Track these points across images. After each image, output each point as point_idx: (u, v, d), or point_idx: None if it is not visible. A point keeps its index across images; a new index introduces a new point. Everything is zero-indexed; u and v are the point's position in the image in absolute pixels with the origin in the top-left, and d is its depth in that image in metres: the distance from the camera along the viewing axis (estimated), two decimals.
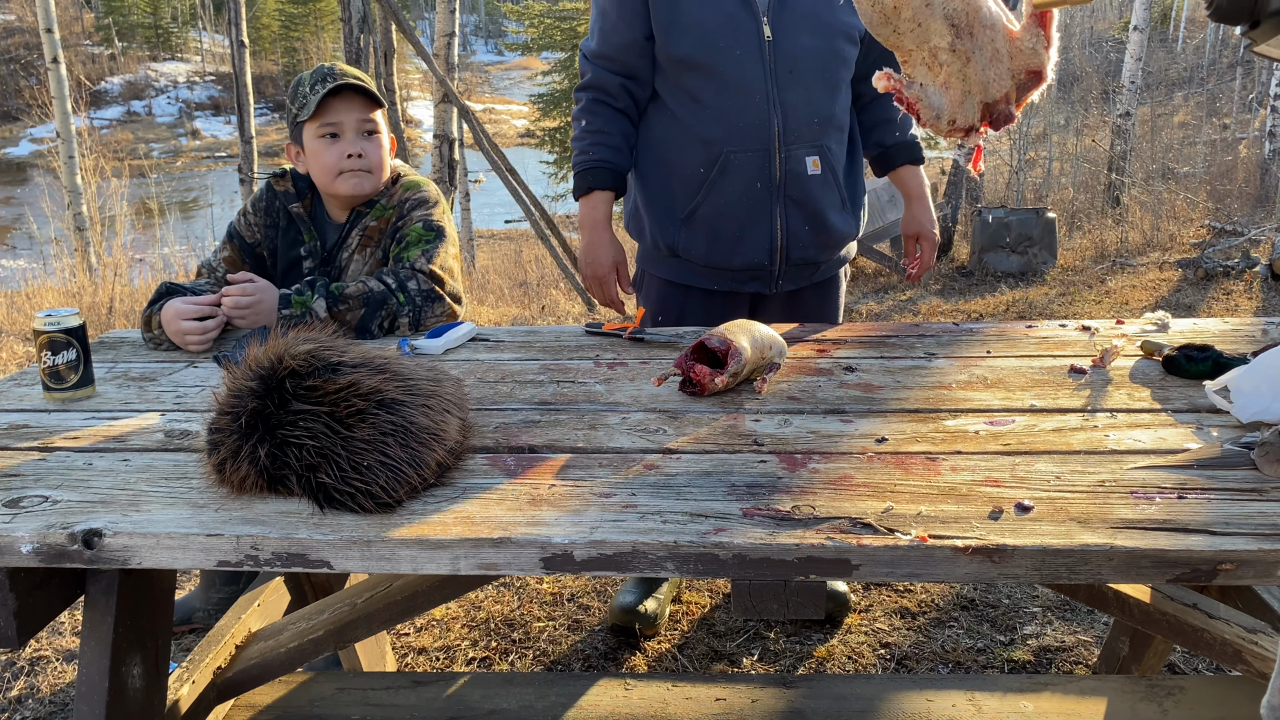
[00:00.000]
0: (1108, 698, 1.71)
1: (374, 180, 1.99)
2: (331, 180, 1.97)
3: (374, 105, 1.99)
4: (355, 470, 1.08)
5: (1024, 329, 1.77)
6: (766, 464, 1.19)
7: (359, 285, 1.83)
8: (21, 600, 1.09)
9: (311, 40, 36.45)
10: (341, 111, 1.95)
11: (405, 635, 2.35)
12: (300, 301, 1.80)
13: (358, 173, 1.97)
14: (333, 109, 1.94)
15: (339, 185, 1.97)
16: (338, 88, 1.93)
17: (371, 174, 1.98)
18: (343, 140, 1.95)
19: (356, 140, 1.96)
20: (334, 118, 1.95)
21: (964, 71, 1.16)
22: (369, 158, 1.97)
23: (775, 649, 2.24)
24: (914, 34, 1.14)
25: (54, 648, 2.32)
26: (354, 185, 1.97)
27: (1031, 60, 1.17)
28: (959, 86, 1.17)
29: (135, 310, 6.54)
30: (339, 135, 1.96)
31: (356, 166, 1.96)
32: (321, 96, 1.92)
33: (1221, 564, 0.95)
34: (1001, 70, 1.17)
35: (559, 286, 8.48)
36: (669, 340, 1.75)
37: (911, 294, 7.03)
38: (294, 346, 1.17)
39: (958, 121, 1.20)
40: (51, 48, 9.20)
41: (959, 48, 1.15)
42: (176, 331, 1.76)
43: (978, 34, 1.14)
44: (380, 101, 2.00)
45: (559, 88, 18.73)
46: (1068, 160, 13.61)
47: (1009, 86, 1.18)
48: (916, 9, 1.13)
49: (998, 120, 1.20)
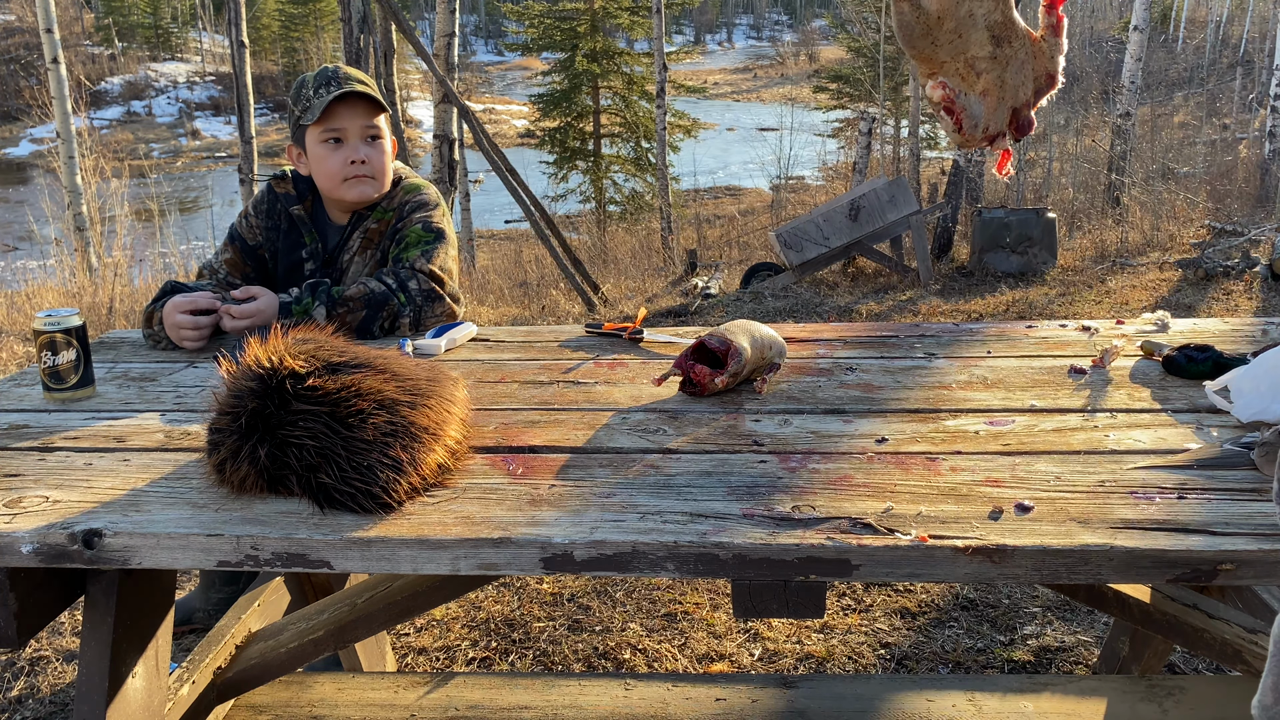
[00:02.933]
0: (1108, 698, 1.71)
1: (378, 185, 1.99)
2: (336, 186, 1.97)
3: (378, 110, 1.98)
4: (355, 470, 1.08)
5: (1024, 329, 1.77)
6: (766, 464, 1.19)
7: (360, 287, 1.83)
8: (21, 600, 1.09)
9: (311, 40, 36.43)
10: (345, 117, 1.94)
11: (405, 635, 2.35)
12: (300, 310, 1.80)
13: (362, 179, 1.96)
14: (337, 114, 1.93)
15: (344, 192, 1.97)
16: (343, 94, 1.92)
17: (375, 179, 1.98)
18: (346, 146, 1.95)
19: (360, 146, 1.95)
20: (338, 123, 1.94)
21: (1002, 78, 1.18)
22: (373, 164, 1.96)
23: (775, 649, 2.24)
24: (952, 45, 1.15)
25: (54, 648, 2.32)
26: (359, 193, 1.97)
27: (1049, 64, 1.18)
28: (995, 94, 1.18)
29: (135, 310, 6.54)
30: (343, 140, 1.95)
31: (360, 173, 1.95)
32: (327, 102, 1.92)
33: (1221, 564, 0.95)
34: (1027, 75, 1.18)
35: (559, 286, 8.48)
36: (669, 340, 1.75)
37: (911, 294, 7.02)
38: (294, 346, 1.17)
39: (990, 129, 1.21)
40: (51, 48, 9.20)
41: (999, 55, 1.16)
42: (173, 325, 1.76)
43: (1014, 41, 1.16)
44: (384, 106, 2.00)
45: (559, 88, 18.71)
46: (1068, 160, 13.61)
47: (1030, 91, 1.19)
48: (960, 20, 1.14)
49: (1022, 127, 1.22)
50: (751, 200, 19.28)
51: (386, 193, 2.03)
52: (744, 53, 54.71)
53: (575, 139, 18.40)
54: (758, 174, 19.46)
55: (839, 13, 22.87)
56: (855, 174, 10.70)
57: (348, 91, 1.92)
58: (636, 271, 10.00)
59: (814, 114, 21.44)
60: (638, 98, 18.26)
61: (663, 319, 6.43)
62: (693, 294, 7.42)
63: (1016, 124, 1.22)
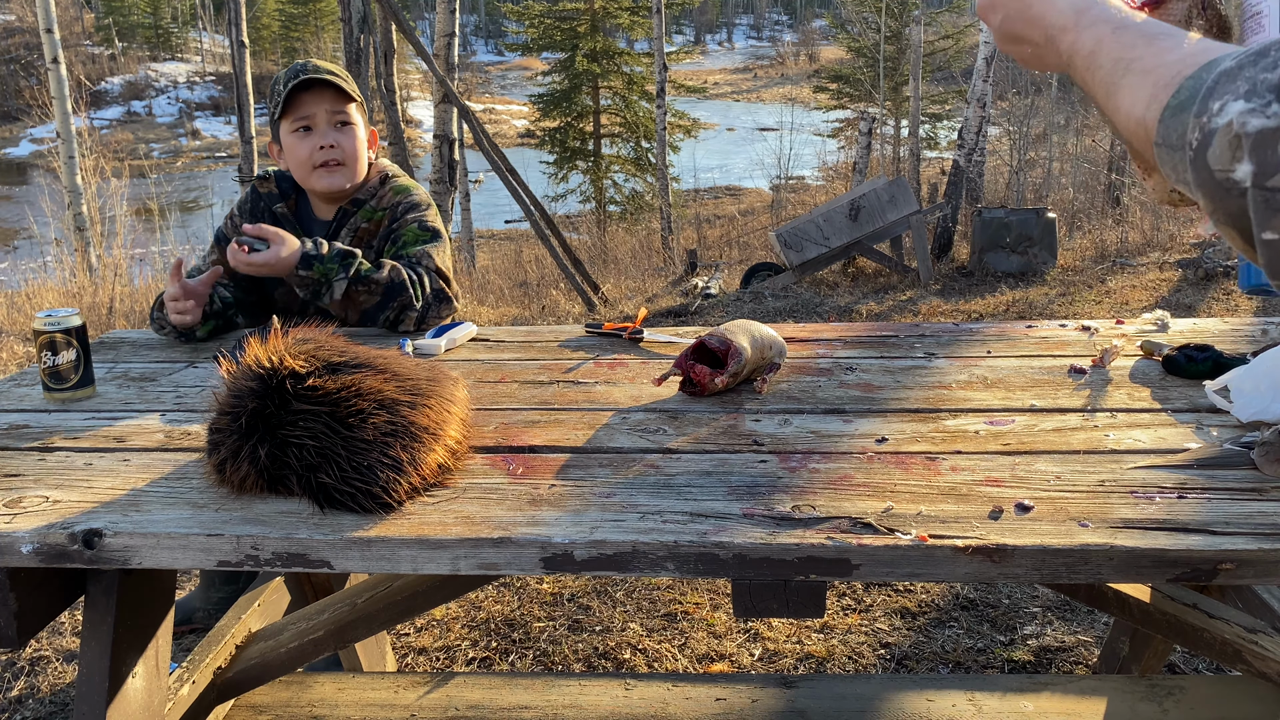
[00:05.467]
0: (1108, 698, 1.71)
1: (349, 172, 2.00)
2: (308, 175, 1.98)
3: (346, 99, 1.99)
4: (355, 470, 1.08)
5: (1024, 329, 1.77)
6: (766, 464, 1.19)
7: (386, 273, 1.83)
8: (21, 600, 1.09)
9: (311, 40, 36.44)
10: (312, 104, 1.96)
11: (405, 635, 2.35)
12: (320, 272, 1.81)
13: (331, 166, 1.97)
14: (304, 103, 1.96)
15: (314, 180, 1.98)
16: (307, 81, 1.94)
17: (346, 165, 1.99)
18: (315, 133, 1.96)
19: (329, 132, 1.97)
20: (306, 111, 1.96)
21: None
22: (343, 149, 1.97)
23: (775, 649, 2.24)
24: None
25: (54, 648, 2.32)
26: (329, 181, 1.98)
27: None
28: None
29: (135, 310, 6.54)
30: (312, 128, 1.97)
31: (329, 158, 1.96)
32: (291, 91, 1.94)
33: (1221, 564, 0.95)
34: None
35: (559, 286, 8.48)
36: (669, 340, 1.75)
37: (911, 294, 7.03)
38: (294, 346, 1.17)
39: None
40: (51, 48, 9.20)
41: None
42: (169, 299, 1.79)
43: None
44: (353, 96, 2.01)
45: (559, 88, 18.72)
46: (1068, 160, 13.61)
47: None
48: None
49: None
50: (751, 200, 19.28)
51: (372, 190, 2.03)
52: (744, 53, 54.73)
53: (575, 139, 18.40)
54: (758, 174, 19.46)
55: (839, 13, 22.86)
56: (855, 174, 10.71)
57: (311, 79, 1.94)
58: (636, 271, 10.00)
59: (814, 114, 21.45)
60: (638, 98, 18.27)
61: (663, 319, 6.43)
62: (693, 294, 7.42)
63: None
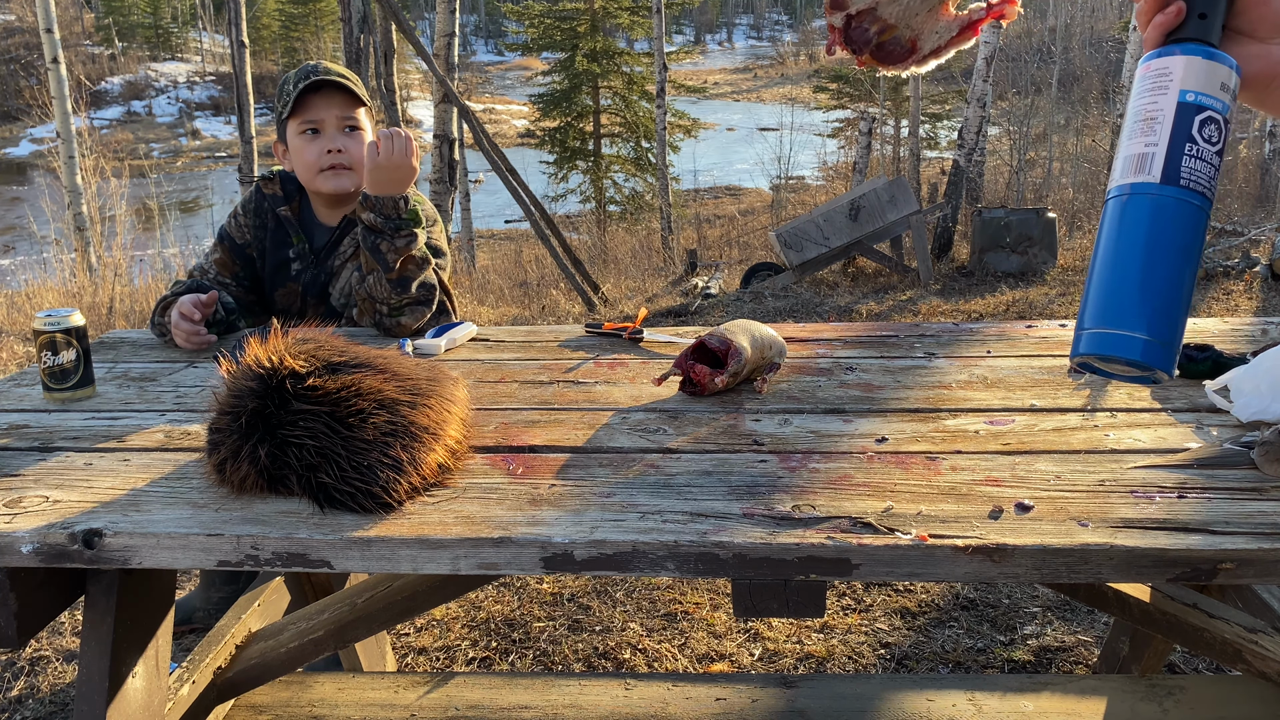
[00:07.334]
0: (1108, 698, 1.71)
1: (355, 178, 1.99)
2: (313, 177, 1.98)
3: (356, 103, 1.99)
4: (356, 470, 1.08)
5: (1024, 329, 1.77)
6: (766, 464, 1.19)
7: (432, 268, 1.85)
8: (21, 600, 1.09)
9: (311, 40, 36.42)
10: (321, 108, 1.95)
11: (405, 635, 2.35)
12: (412, 216, 1.80)
13: (338, 170, 1.96)
14: (313, 105, 1.95)
15: (320, 183, 1.98)
16: (318, 84, 1.93)
17: (353, 170, 1.98)
18: (323, 136, 1.96)
19: (337, 136, 1.96)
20: (314, 114, 1.95)
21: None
22: (350, 154, 1.97)
23: (775, 649, 2.24)
24: None
25: (54, 648, 2.32)
26: (335, 184, 1.97)
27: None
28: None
29: (135, 310, 6.54)
30: (320, 132, 1.96)
31: (336, 162, 1.96)
32: (301, 93, 1.93)
33: (1221, 563, 0.95)
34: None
35: (559, 286, 8.48)
36: (669, 340, 1.75)
37: (911, 294, 7.02)
38: (294, 346, 1.17)
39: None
40: (51, 48, 9.20)
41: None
42: (176, 323, 1.77)
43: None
44: (362, 100, 2.00)
45: (559, 88, 18.71)
46: (1068, 160, 13.61)
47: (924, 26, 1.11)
48: None
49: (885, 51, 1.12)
50: (751, 200, 19.28)
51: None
52: (744, 53, 54.72)
53: (575, 139, 18.39)
54: (758, 174, 19.45)
55: None
56: (855, 174, 10.70)
57: (322, 81, 1.93)
58: (636, 271, 10.00)
59: (814, 114, 21.44)
60: (638, 98, 18.26)
61: (663, 319, 6.43)
62: (693, 294, 7.43)
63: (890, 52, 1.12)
